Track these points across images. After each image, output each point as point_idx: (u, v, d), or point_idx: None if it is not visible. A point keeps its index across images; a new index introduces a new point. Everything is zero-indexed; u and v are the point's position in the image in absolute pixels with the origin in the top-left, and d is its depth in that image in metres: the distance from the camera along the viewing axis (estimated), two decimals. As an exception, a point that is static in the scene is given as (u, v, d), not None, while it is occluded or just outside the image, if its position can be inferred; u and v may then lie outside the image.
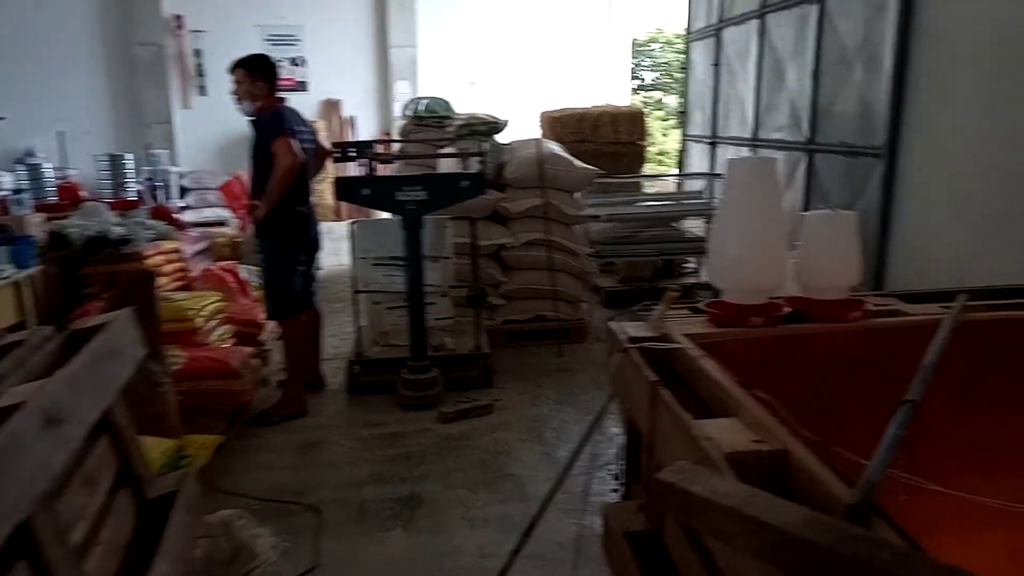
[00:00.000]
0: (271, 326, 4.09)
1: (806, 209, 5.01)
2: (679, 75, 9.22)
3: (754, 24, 5.81)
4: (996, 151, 3.34)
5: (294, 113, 3.61)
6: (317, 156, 3.73)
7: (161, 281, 4.16)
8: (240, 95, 3.56)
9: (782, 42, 5.42)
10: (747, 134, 6.04)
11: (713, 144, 6.84)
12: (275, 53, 9.77)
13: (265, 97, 3.55)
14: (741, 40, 6.15)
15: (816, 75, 4.88)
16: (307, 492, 2.94)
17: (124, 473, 1.81)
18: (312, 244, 3.77)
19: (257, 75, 3.54)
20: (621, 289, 5.34)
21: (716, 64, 6.72)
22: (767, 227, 1.52)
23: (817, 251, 1.61)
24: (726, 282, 1.57)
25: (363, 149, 3.60)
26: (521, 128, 6.13)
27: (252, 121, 3.56)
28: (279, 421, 3.59)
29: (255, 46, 8.65)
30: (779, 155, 5.49)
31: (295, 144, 3.38)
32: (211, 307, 3.87)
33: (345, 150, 3.65)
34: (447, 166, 4.57)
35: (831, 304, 1.57)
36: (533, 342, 4.57)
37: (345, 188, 3.61)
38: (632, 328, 1.58)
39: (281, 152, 3.35)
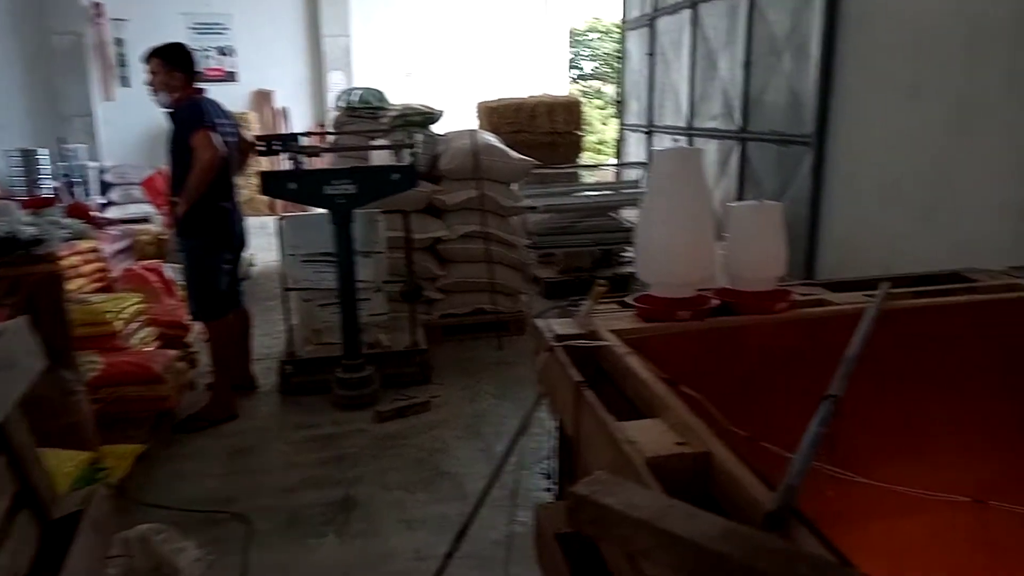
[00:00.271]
0: (198, 327, 3.93)
1: (741, 198, 5.07)
2: (617, 65, 9.24)
3: (687, 14, 5.85)
4: (919, 137, 3.41)
5: (214, 105, 3.45)
6: (240, 150, 3.58)
7: (78, 283, 3.95)
8: (156, 86, 3.39)
9: (714, 32, 5.46)
10: (682, 123, 6.09)
11: (650, 133, 6.87)
12: (202, 42, 9.48)
13: (183, 88, 3.38)
14: (675, 30, 6.18)
15: (747, 65, 4.94)
16: (235, 500, 2.83)
17: (24, 494, 1.68)
18: (238, 241, 3.63)
19: (174, 65, 3.37)
20: (560, 280, 5.32)
21: (651, 54, 6.75)
22: (693, 219, 1.48)
23: (743, 242, 1.58)
24: (653, 276, 1.53)
25: (288, 142, 3.47)
26: (458, 119, 6.05)
27: (169, 113, 3.39)
28: (207, 426, 3.45)
29: (180, 35, 8.33)
30: (713, 144, 5.56)
31: (216, 137, 3.23)
32: (132, 309, 3.69)
33: (270, 143, 3.51)
34: (380, 158, 4.46)
35: (758, 296, 1.55)
36: (472, 336, 4.51)
37: (270, 183, 3.48)
38: (558, 325, 1.54)
39: (201, 146, 3.20)
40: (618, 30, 9.35)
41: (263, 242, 5.90)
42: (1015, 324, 1.63)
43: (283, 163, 3.68)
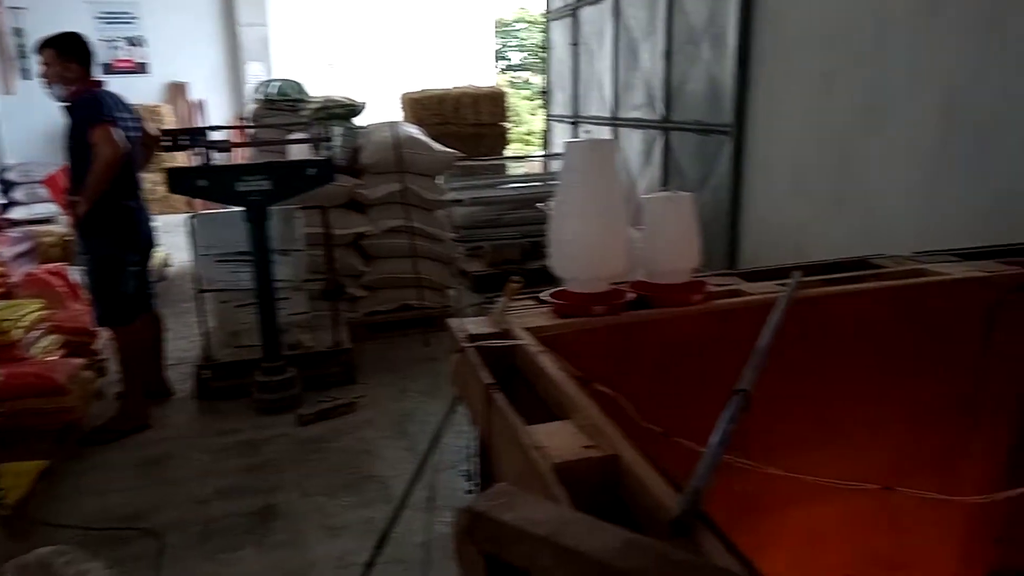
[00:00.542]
0: (107, 333, 3.72)
1: (665, 187, 5.12)
2: (543, 55, 9.24)
3: (608, 4, 5.87)
4: (830, 126, 3.50)
5: (114, 98, 3.26)
6: (144, 145, 3.39)
7: (-29, 289, 3.70)
8: (50, 78, 3.18)
9: (635, 22, 5.49)
10: (606, 113, 6.11)
11: (575, 123, 6.89)
12: (109, 32, 9.02)
13: (79, 80, 3.18)
14: (597, 20, 6.20)
15: (668, 55, 4.98)
16: (147, 515, 2.69)
17: None
18: (145, 242, 3.44)
19: (68, 56, 3.16)
20: (489, 273, 5.27)
21: (575, 44, 6.76)
22: (606, 212, 1.46)
23: (657, 234, 1.57)
24: (567, 270, 1.50)
25: (196, 136, 3.31)
26: (382, 111, 5.93)
27: (66, 107, 3.19)
28: (117, 437, 3.27)
29: (84, 24, 7.88)
30: (637, 134, 5.60)
31: (117, 132, 3.05)
32: (32, 316, 3.48)
33: (176, 138, 3.33)
34: (298, 153, 4.32)
35: (673, 288, 1.53)
36: (399, 333, 4.42)
37: (177, 180, 3.31)
38: (472, 324, 1.49)
39: (100, 141, 3.01)
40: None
41: (180, 241, 5.64)
42: (920, 308, 1.67)
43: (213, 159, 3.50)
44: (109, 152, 3.01)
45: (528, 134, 13.17)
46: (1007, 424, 1.77)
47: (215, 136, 3.57)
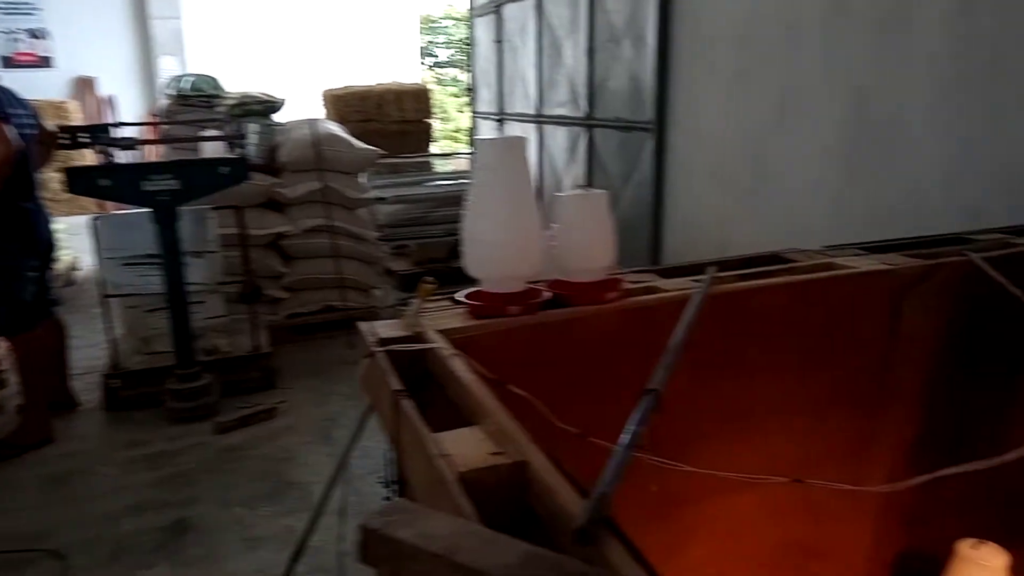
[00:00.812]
0: (5, 343, 3.49)
1: (590, 184, 5.16)
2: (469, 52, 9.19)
3: (531, 2, 5.86)
4: (745, 123, 3.58)
5: (7, 93, 3.05)
6: (41, 143, 3.19)
7: None
8: (-69, 71, 2.95)
9: (558, 20, 5.51)
10: (531, 110, 6.12)
11: (501, 121, 6.87)
12: (8, 24, 8.51)
13: (-35, 74, 2.96)
14: (520, 17, 6.19)
15: (590, 52, 5.01)
16: (51, 535, 2.53)
17: None
18: (44, 245, 3.24)
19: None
20: (415, 272, 5.19)
21: (499, 41, 6.74)
22: (518, 210, 1.43)
23: (571, 232, 1.55)
24: (481, 270, 1.47)
25: (98, 133, 3.13)
26: (304, 108, 5.77)
27: (-49, 103, 2.96)
28: (18, 453, 3.08)
29: (-22, 14, 7.42)
30: (561, 131, 5.63)
31: (10, 130, 2.86)
32: (-82, 327, 3.22)
33: (75, 135, 3.15)
34: (213, 151, 4.15)
35: (588, 286, 1.52)
36: (322, 335, 4.30)
37: (77, 179, 3.12)
38: (383, 327, 1.44)
39: (-9, 140, 2.82)
40: (469, 17, 9.28)
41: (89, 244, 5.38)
42: (829, 302, 1.71)
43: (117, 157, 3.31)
44: (1, 151, 2.82)
45: (456, 131, 13.09)
46: (913, 411, 1.83)
47: (123, 133, 3.40)
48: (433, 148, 7.18)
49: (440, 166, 6.94)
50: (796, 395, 1.71)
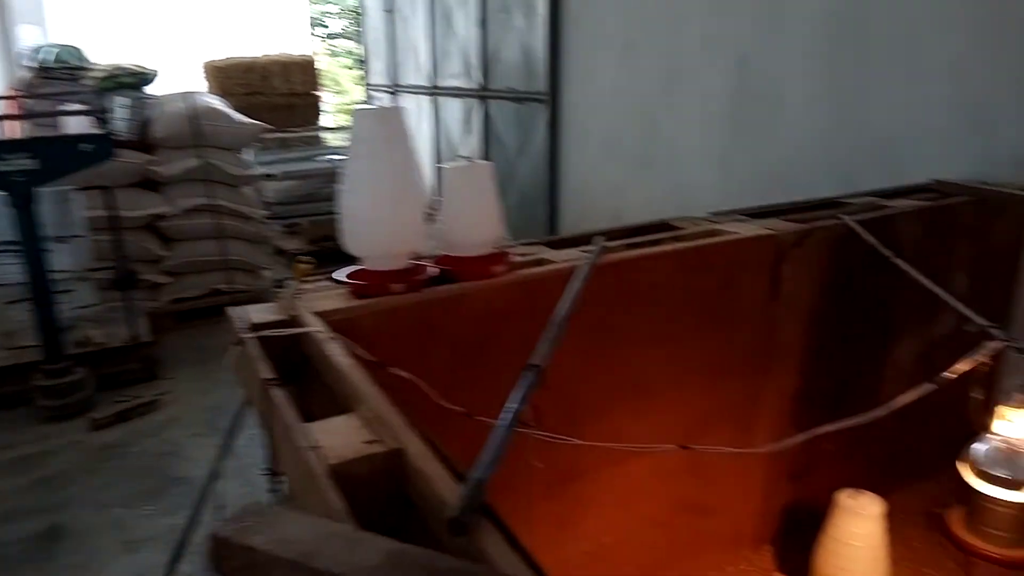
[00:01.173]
0: None
1: (486, 156, 5.10)
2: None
3: (420, -32, 5.71)
4: (635, 92, 3.61)
5: None
6: None
7: None
8: None
9: (448, -12, 5.39)
10: (425, 82, 5.98)
11: (395, 93, 6.69)
12: None
13: None
14: (410, -15, 6.02)
15: (482, 23, 4.92)
16: (-99, 554, 2.29)
17: None
18: None
19: None
20: (309, 250, 5.01)
21: (389, 11, 6.54)
22: (397, 183, 1.36)
23: (456, 205, 1.50)
24: (361, 248, 1.40)
25: (-65, 108, 2.81)
26: (184, 80, 5.43)
27: None
28: None
29: None
30: (456, 103, 5.53)
31: None
32: None
33: (-92, 110, 2.82)
34: (76, 126, 3.84)
35: (475, 260, 1.47)
36: (211, 320, 4.07)
37: (-87, 159, 2.80)
38: (257, 312, 1.35)
39: None
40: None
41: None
42: (715, 268, 1.73)
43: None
44: None
45: (350, 104, 12.70)
46: (794, 371, 1.89)
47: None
48: (325, 122, 6.91)
49: (332, 140, 6.70)
50: (686, 360, 1.73)
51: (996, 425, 1.69)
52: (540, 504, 1.58)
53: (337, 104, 12.04)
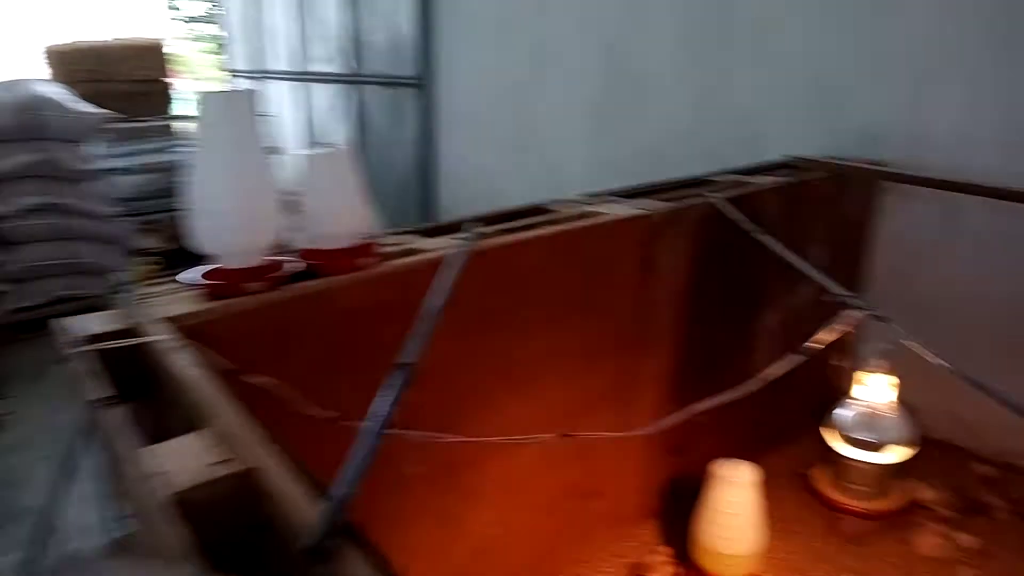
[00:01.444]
0: None
1: (362, 144, 4.95)
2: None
3: (280, -54, 5.44)
4: (508, 75, 3.58)
5: None
6: None
7: None
8: None
9: (310, -32, 5.16)
10: (293, 67, 5.72)
11: (262, 79, 6.36)
12: None
13: None
14: (270, -36, 5.73)
15: (352, 4, 4.75)
16: None
17: None
18: None
19: None
20: (168, 249, 4.68)
21: (249, -9, 6.20)
22: (248, 173, 1.26)
23: (318, 195, 1.41)
24: (210, 244, 1.28)
25: None
26: (24, 68, 4.92)
27: None
28: None
29: None
30: (328, 89, 5.32)
31: None
32: None
33: None
34: None
35: (339, 253, 1.39)
36: (61, 329, 3.74)
37: None
38: (97, 320, 1.22)
39: None
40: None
41: None
42: (589, 250, 1.72)
43: None
44: None
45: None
46: (670, 348, 1.93)
47: None
48: (182, 110, 6.47)
49: (191, 130, 6.28)
50: (565, 343, 1.72)
51: (856, 390, 1.78)
52: (421, 505, 1.52)
53: (197, 92, 11.38)
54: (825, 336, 1.23)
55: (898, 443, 1.71)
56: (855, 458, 1.76)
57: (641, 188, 2.03)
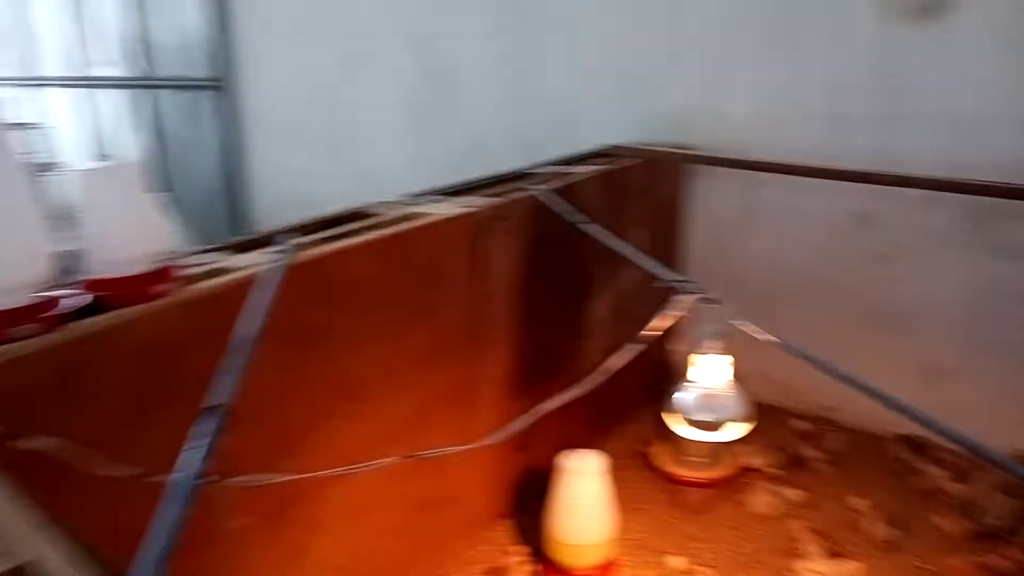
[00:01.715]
0: None
1: (163, 154, 4.54)
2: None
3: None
4: (314, 75, 3.42)
5: None
6: None
7: None
8: None
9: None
10: (73, 72, 5.13)
11: (34, 87, 5.66)
12: None
13: None
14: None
15: (136, 3, 4.33)
16: None
17: None
18: None
19: None
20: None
21: (8, -12, 5.48)
22: (4, 198, 1.06)
23: (99, 216, 1.22)
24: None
25: None
26: None
27: None
28: None
29: None
30: (118, 95, 4.82)
31: None
32: None
33: None
34: None
35: (130, 281, 1.22)
36: None
37: None
38: None
39: None
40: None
41: None
42: (416, 253, 1.66)
43: None
44: None
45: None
46: (507, 345, 1.90)
47: None
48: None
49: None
50: (399, 352, 1.64)
51: (691, 372, 1.85)
52: (257, 550, 1.38)
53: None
54: (660, 323, 1.25)
55: (736, 419, 1.80)
56: (700, 440, 1.84)
57: (463, 185, 1.99)
